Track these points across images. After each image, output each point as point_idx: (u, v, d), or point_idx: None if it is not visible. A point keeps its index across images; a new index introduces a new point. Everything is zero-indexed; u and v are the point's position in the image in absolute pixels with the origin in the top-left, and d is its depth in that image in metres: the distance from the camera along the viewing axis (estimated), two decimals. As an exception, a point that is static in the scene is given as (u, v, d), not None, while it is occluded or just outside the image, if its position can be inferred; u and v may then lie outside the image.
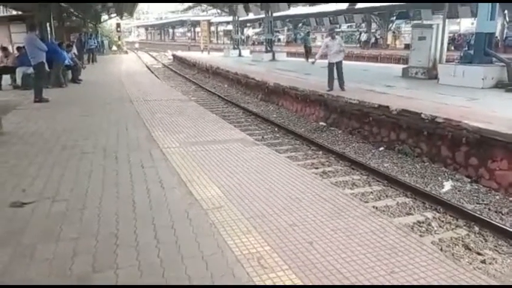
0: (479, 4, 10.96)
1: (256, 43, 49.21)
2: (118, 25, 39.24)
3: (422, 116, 7.75)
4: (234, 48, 29.43)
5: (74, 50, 18.18)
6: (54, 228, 3.38)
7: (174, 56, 37.04)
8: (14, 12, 22.43)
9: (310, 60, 12.01)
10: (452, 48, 26.52)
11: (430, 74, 12.71)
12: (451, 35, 27.57)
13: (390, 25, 36.30)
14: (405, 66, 14.36)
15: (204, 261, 2.84)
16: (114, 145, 6.03)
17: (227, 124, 7.98)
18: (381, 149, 8.64)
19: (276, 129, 10.56)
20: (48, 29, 15.44)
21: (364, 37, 40.30)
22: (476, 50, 11.14)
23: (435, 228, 5.32)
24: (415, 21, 32.35)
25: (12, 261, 2.92)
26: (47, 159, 5.34)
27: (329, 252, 2.92)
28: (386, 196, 6.30)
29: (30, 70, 11.46)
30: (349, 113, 9.92)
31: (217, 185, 4.31)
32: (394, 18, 35.22)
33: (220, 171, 4.83)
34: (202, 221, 3.45)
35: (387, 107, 8.63)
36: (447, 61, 13.68)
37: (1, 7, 24.38)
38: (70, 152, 5.69)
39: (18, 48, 13.85)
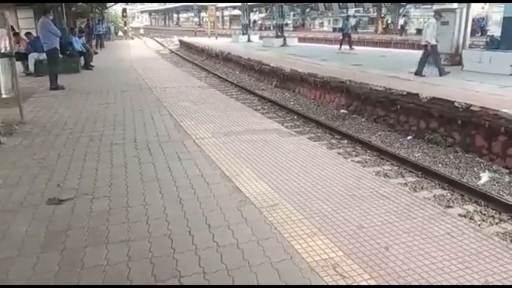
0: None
1: (263, 28, 48.69)
2: (124, 10, 38.66)
3: (456, 104, 7.45)
4: (243, 34, 28.91)
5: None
6: (101, 229, 3.12)
7: (180, 41, 36.55)
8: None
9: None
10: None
11: (453, 60, 12.34)
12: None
13: (401, 10, 35.65)
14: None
15: (275, 269, 2.56)
16: (143, 135, 5.76)
17: (255, 113, 7.68)
18: (409, 138, 8.36)
19: (296, 117, 10.26)
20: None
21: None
22: (504, 35, 10.74)
23: (478, 222, 5.09)
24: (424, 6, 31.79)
25: (62, 269, 2.65)
26: (76, 151, 5.08)
27: (410, 258, 2.65)
28: (422, 188, 6.05)
29: (43, 56, 11.18)
30: (373, 101, 9.62)
31: (264, 180, 4.02)
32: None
33: (263, 164, 4.55)
34: (260, 221, 3.17)
35: (416, 94, 8.33)
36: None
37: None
38: (99, 143, 5.41)
39: (27, 34, 13.56)
